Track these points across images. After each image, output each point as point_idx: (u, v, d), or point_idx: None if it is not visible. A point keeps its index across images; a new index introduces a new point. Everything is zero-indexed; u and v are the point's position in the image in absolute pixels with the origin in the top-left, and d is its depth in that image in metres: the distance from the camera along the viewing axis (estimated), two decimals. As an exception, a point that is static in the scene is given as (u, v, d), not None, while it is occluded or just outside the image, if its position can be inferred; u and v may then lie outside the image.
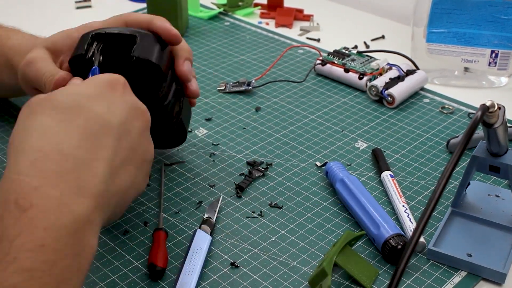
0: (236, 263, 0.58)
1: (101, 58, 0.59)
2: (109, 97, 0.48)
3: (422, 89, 0.87)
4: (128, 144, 0.48)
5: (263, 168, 0.70)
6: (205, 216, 0.63)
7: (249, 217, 0.64)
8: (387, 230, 0.58)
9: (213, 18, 1.09)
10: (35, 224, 0.39)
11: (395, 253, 0.57)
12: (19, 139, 0.45)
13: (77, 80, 0.56)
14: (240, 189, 0.67)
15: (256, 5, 1.12)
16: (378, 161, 0.70)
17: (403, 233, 0.59)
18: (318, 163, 0.71)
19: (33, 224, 0.39)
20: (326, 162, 0.69)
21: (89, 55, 0.59)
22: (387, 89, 0.82)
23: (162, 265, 0.56)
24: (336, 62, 0.89)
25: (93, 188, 0.43)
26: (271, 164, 0.71)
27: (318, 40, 1.01)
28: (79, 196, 0.42)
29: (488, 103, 0.51)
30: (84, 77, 0.56)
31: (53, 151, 0.43)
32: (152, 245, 0.59)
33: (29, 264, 0.38)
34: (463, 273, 0.57)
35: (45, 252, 0.39)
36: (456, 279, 0.57)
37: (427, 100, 0.84)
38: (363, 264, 0.56)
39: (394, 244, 0.57)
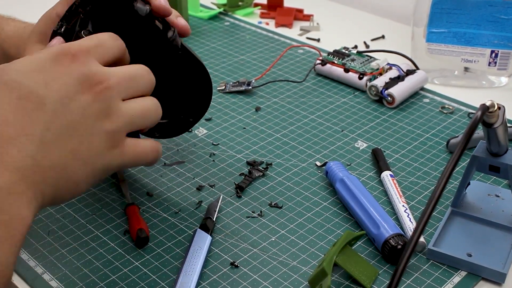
0: (236, 263, 0.58)
1: (90, 25, 0.56)
2: (49, 71, 0.46)
3: (422, 89, 0.87)
4: (68, 120, 0.45)
5: (263, 168, 0.70)
6: (205, 216, 0.63)
7: (249, 217, 0.64)
8: (387, 230, 0.58)
9: (213, 18, 1.09)
10: None
11: (395, 253, 0.57)
12: None
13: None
14: (240, 189, 0.67)
15: (256, 5, 1.12)
16: (378, 161, 0.70)
17: (403, 233, 0.59)
18: (318, 163, 0.71)
19: None
20: (326, 162, 0.69)
21: (71, 25, 0.56)
22: (387, 89, 0.82)
23: (147, 233, 0.60)
24: (336, 62, 0.89)
25: (17, 162, 0.42)
26: (271, 164, 0.71)
27: (318, 40, 1.01)
28: (1, 169, 0.42)
29: (488, 103, 0.51)
30: None
31: None
32: (129, 219, 0.62)
33: None
34: (463, 273, 0.57)
35: None
36: (456, 279, 0.57)
37: (427, 100, 0.84)
38: (363, 264, 0.56)
39: (394, 244, 0.57)
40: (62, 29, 0.56)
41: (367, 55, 0.91)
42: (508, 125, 0.72)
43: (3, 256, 0.41)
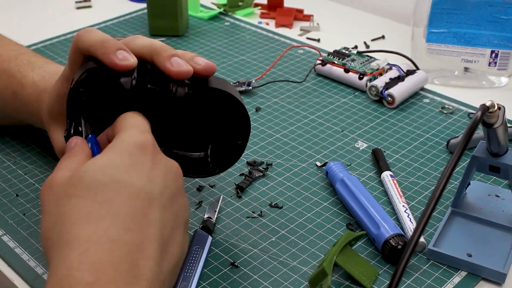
0: (236, 263, 0.58)
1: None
2: (143, 163, 0.43)
3: (422, 89, 0.87)
4: (173, 212, 0.44)
5: (263, 168, 0.70)
6: (205, 216, 0.63)
7: (249, 217, 0.64)
8: (387, 230, 0.58)
9: (213, 18, 1.09)
10: None
11: (395, 253, 0.57)
12: (58, 230, 0.41)
13: (84, 147, 0.48)
14: (240, 189, 0.67)
15: (256, 5, 1.12)
16: (378, 161, 0.70)
17: (403, 233, 0.59)
18: (318, 163, 0.71)
19: None
20: (326, 162, 0.69)
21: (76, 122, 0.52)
22: (387, 89, 0.82)
23: None
24: (336, 62, 0.89)
25: (148, 273, 0.40)
26: (271, 164, 0.71)
27: (318, 40, 1.01)
28: (134, 285, 0.39)
29: (488, 103, 0.51)
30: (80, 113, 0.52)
31: (101, 239, 0.39)
32: None
33: None
34: (463, 273, 0.57)
35: None
36: (456, 279, 0.57)
37: (427, 100, 0.84)
38: (363, 264, 0.56)
39: (394, 244, 0.57)
40: (72, 130, 0.51)
41: (367, 55, 0.91)
42: (508, 125, 0.72)
43: None
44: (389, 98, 0.82)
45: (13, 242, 0.60)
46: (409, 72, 0.86)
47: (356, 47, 0.96)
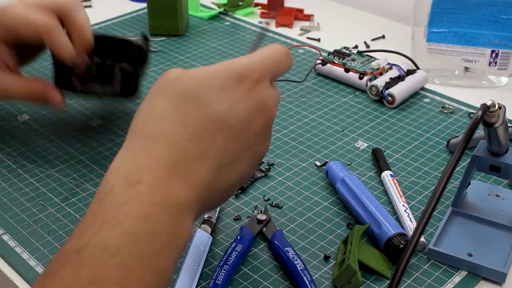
0: (236, 263, 0.58)
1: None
2: (233, 93, 0.46)
3: (422, 88, 0.87)
4: (243, 144, 0.47)
5: (265, 168, 0.70)
6: (206, 216, 0.63)
7: (249, 217, 0.64)
8: (389, 229, 0.58)
9: (213, 18, 1.09)
10: (142, 197, 0.41)
11: (397, 252, 0.57)
12: (140, 119, 0.46)
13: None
14: (241, 189, 0.67)
15: (256, 5, 1.12)
16: (378, 161, 0.70)
17: (405, 232, 0.59)
18: (318, 163, 0.71)
19: (140, 197, 0.41)
20: (326, 162, 0.69)
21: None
22: (387, 88, 0.82)
23: None
24: (336, 62, 0.89)
25: (198, 181, 0.44)
26: (273, 164, 0.71)
27: (318, 40, 1.01)
28: (185, 184, 0.43)
29: (488, 103, 0.51)
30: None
31: (166, 139, 0.44)
32: None
33: (134, 229, 0.40)
34: (464, 273, 0.57)
35: (149, 223, 0.40)
36: (457, 278, 0.57)
37: (427, 100, 0.84)
38: (378, 255, 0.58)
39: (396, 243, 0.57)
40: None
41: (367, 55, 0.91)
42: (509, 124, 0.72)
43: (171, 263, 0.42)
44: (389, 98, 0.82)
45: (13, 241, 0.60)
46: (409, 72, 0.86)
47: (356, 46, 0.96)
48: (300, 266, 0.55)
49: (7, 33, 0.68)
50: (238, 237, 0.58)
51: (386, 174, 0.68)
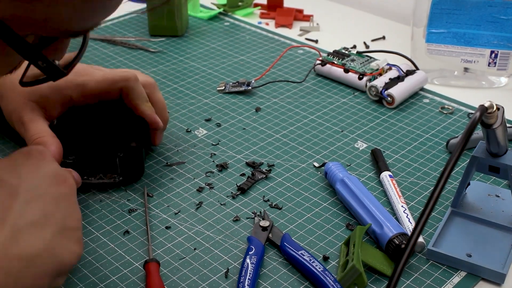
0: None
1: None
2: (22, 165, 0.49)
3: (422, 89, 0.87)
4: (39, 209, 0.47)
5: (266, 170, 0.70)
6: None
7: (248, 218, 0.64)
8: (390, 229, 0.58)
9: (213, 18, 1.09)
10: None
11: (399, 252, 0.57)
12: None
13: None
14: (241, 191, 0.67)
15: (256, 5, 1.12)
16: (377, 162, 0.70)
17: (406, 232, 0.59)
18: (316, 164, 0.71)
19: None
20: (325, 163, 0.69)
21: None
22: (386, 89, 0.82)
23: None
24: (336, 62, 0.89)
25: None
26: (273, 165, 0.71)
27: (317, 41, 1.01)
28: None
29: (486, 104, 0.51)
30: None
31: None
32: (146, 278, 0.56)
33: None
34: (463, 273, 0.57)
35: None
36: (456, 279, 0.57)
37: (426, 100, 0.84)
38: (379, 255, 0.58)
39: (398, 243, 0.57)
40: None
41: (367, 56, 0.91)
42: (508, 125, 0.72)
43: None
44: (389, 98, 0.82)
45: (13, 243, 0.61)
46: (409, 72, 0.86)
47: (354, 46, 0.96)
48: (320, 268, 0.55)
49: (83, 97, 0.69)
50: (250, 249, 0.58)
51: (385, 175, 0.68)
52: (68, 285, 0.56)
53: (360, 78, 0.86)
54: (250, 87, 0.86)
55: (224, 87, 0.87)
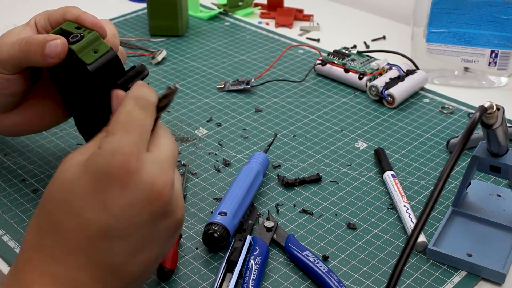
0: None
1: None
2: (106, 193, 0.41)
3: (422, 89, 0.87)
4: (137, 239, 0.43)
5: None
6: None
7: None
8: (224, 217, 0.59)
9: (213, 18, 1.09)
10: None
11: (208, 238, 0.59)
12: (27, 229, 0.45)
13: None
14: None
15: (256, 5, 1.12)
16: (381, 161, 0.70)
17: (226, 227, 0.59)
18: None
19: None
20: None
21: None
22: (387, 89, 0.82)
23: (169, 266, 0.56)
24: (336, 62, 0.89)
25: None
26: (279, 166, 0.71)
27: (318, 40, 1.01)
28: None
29: (486, 104, 0.51)
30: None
31: (44, 252, 0.42)
32: None
33: None
34: (463, 273, 0.57)
35: None
36: (456, 279, 0.57)
37: (427, 100, 0.84)
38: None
39: (209, 230, 0.58)
40: None
41: (367, 55, 0.91)
42: (508, 125, 0.72)
43: None
44: (389, 98, 0.82)
45: (13, 242, 0.61)
46: (409, 72, 0.86)
47: (355, 46, 0.96)
48: (324, 269, 0.55)
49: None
50: (254, 249, 0.58)
51: (388, 175, 0.68)
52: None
53: (360, 78, 0.86)
54: (249, 86, 0.86)
55: (223, 85, 0.87)
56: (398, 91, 0.82)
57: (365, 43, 1.00)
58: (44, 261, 0.42)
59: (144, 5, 1.09)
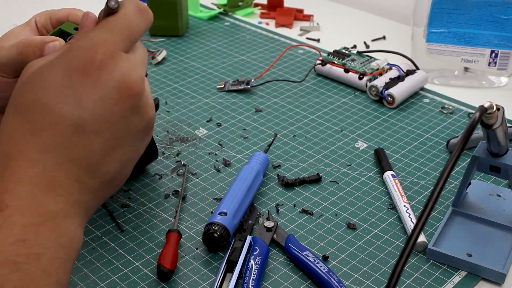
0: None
1: None
2: (78, 87, 0.41)
3: (422, 89, 0.87)
4: (112, 134, 0.43)
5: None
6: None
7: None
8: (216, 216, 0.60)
9: (213, 18, 1.09)
10: (14, 222, 0.39)
11: (208, 237, 0.59)
12: None
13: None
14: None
15: (256, 5, 1.12)
16: (381, 161, 0.70)
17: (227, 227, 0.59)
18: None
19: (11, 222, 0.39)
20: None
21: None
22: (387, 89, 0.82)
23: (169, 267, 0.56)
24: (336, 62, 0.89)
25: (68, 188, 0.42)
26: (279, 166, 0.71)
27: (318, 40, 1.01)
28: (55, 196, 0.41)
29: (486, 105, 0.51)
30: None
31: (20, 156, 0.41)
32: (164, 246, 0.59)
33: (13, 257, 0.38)
34: (463, 273, 0.57)
35: (27, 246, 0.39)
36: (456, 279, 0.57)
37: (427, 100, 0.84)
38: None
39: (209, 230, 0.59)
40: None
41: (367, 55, 0.91)
42: (508, 125, 0.72)
43: (64, 277, 0.41)
44: (389, 98, 0.82)
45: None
46: (409, 72, 0.86)
47: (355, 46, 0.96)
48: (324, 269, 0.55)
49: None
50: (254, 249, 0.58)
51: (388, 175, 0.68)
52: (69, 285, 0.56)
53: (360, 78, 0.86)
54: (249, 86, 0.86)
55: (223, 85, 0.87)
56: (398, 91, 0.82)
57: (365, 43, 1.00)
58: (20, 166, 0.41)
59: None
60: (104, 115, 0.42)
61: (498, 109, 0.53)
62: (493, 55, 0.84)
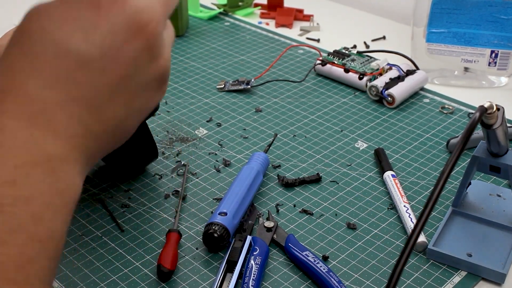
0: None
1: None
2: (85, 17, 0.38)
3: (422, 89, 0.87)
4: (117, 75, 0.40)
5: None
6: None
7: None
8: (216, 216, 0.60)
9: (213, 18, 1.09)
10: (4, 162, 0.36)
11: (208, 238, 0.59)
12: None
13: None
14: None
15: (256, 5, 1.12)
16: (381, 161, 0.70)
17: (226, 227, 0.59)
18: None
19: (2, 162, 0.36)
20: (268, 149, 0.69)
21: None
22: (387, 89, 0.82)
23: (169, 267, 0.56)
24: (336, 62, 0.89)
25: (68, 130, 0.38)
26: (279, 166, 0.71)
27: (318, 40, 1.01)
28: (53, 137, 0.38)
29: (486, 105, 0.51)
30: None
31: (18, 91, 0.38)
32: (164, 246, 0.59)
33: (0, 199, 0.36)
34: (463, 273, 0.57)
35: (16, 188, 0.36)
36: (456, 279, 0.57)
37: (427, 100, 0.84)
38: None
39: (207, 229, 0.59)
40: None
41: (367, 55, 0.91)
42: (508, 125, 0.72)
43: (59, 225, 0.38)
44: (389, 98, 0.82)
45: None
46: (409, 72, 0.86)
47: (355, 46, 0.96)
48: (324, 269, 0.55)
49: None
50: (254, 249, 0.58)
51: (388, 175, 0.68)
52: (69, 285, 0.56)
53: (360, 78, 0.86)
54: (249, 86, 0.86)
55: (223, 85, 0.87)
56: (398, 91, 0.82)
57: (365, 43, 1.00)
58: (18, 103, 0.38)
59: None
60: (112, 53, 0.39)
61: (498, 109, 0.53)
62: (493, 55, 0.84)
